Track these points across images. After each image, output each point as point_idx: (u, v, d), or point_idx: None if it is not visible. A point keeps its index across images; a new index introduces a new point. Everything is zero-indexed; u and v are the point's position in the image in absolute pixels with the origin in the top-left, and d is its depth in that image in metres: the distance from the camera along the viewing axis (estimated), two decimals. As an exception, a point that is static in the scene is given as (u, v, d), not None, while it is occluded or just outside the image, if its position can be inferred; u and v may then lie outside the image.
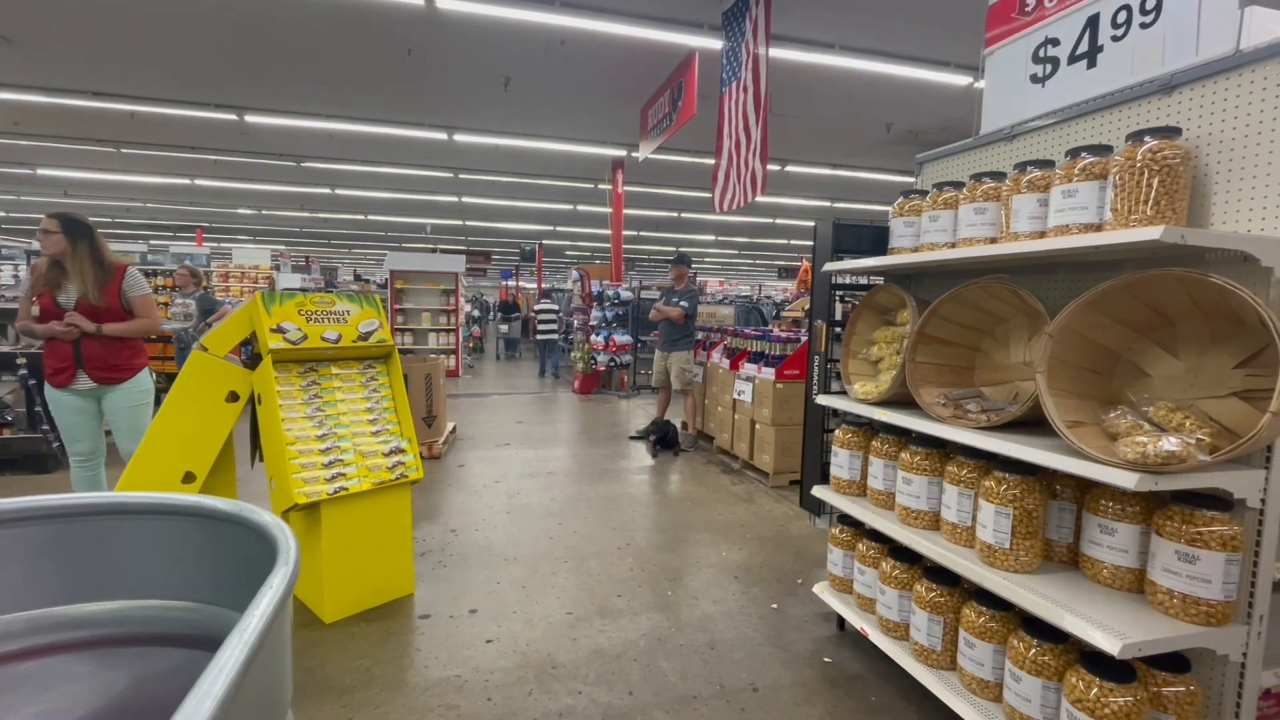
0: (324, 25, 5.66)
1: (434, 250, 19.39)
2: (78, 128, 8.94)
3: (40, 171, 11.56)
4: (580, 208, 14.51)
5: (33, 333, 2.98)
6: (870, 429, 2.54)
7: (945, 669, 2.10)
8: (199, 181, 12.48)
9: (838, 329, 2.99)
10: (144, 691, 0.80)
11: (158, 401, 3.13)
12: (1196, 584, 1.50)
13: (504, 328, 16.19)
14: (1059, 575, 1.80)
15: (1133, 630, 1.48)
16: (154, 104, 7.69)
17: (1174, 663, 1.58)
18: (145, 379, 3.25)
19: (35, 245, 10.55)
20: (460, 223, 17.88)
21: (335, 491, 2.60)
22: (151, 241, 21.16)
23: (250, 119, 8.14)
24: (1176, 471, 1.40)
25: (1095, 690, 1.54)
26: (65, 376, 3.02)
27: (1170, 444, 1.39)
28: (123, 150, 9.90)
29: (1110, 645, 1.43)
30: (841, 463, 2.58)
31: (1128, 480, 1.40)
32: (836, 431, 2.65)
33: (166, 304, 10.10)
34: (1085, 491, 1.81)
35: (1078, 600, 1.64)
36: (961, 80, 6.36)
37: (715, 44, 5.33)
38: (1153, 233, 1.39)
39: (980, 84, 2.48)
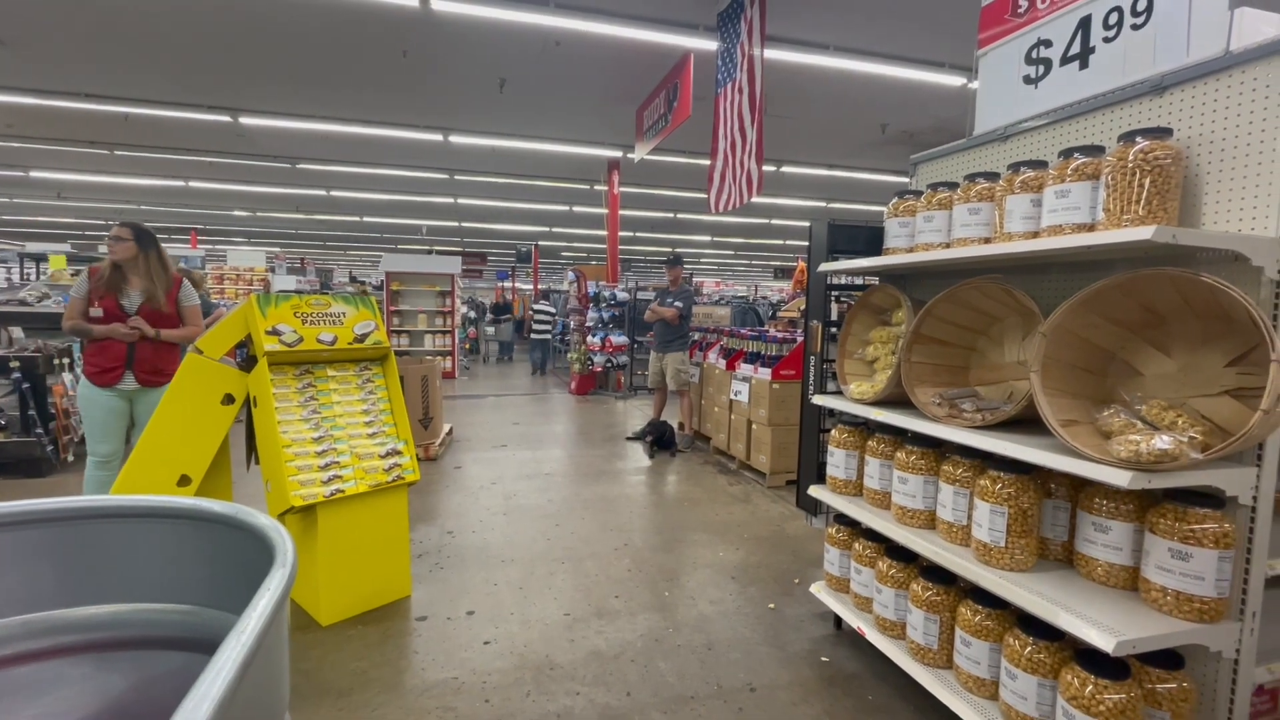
0: (318, 27, 5.65)
1: (430, 252, 19.37)
2: (71, 130, 8.90)
3: (33, 174, 11.51)
4: (576, 209, 14.51)
5: (88, 332, 3.11)
6: (866, 429, 2.55)
7: (942, 667, 2.10)
8: (193, 183, 12.43)
9: (833, 329, 3.00)
10: (142, 695, 0.80)
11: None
12: (1190, 581, 1.51)
13: (491, 330, 14.99)
14: (1054, 573, 1.81)
15: (1127, 627, 1.49)
16: (148, 106, 7.66)
17: (1168, 659, 1.59)
18: None
19: (29, 248, 10.49)
20: (456, 224, 17.86)
21: (332, 494, 2.60)
22: (145, 244, 21.04)
23: (245, 121, 8.12)
24: (1169, 469, 1.41)
25: (1090, 687, 1.54)
26: (113, 376, 3.14)
27: (1163, 442, 1.40)
28: (116, 152, 9.86)
29: (1105, 642, 1.44)
30: (838, 462, 2.59)
31: (1121, 478, 1.41)
32: (833, 431, 2.66)
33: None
34: (1079, 490, 1.82)
35: (1072, 598, 1.65)
36: (955, 81, 6.38)
37: (710, 45, 5.34)
38: (1145, 233, 1.40)
39: (974, 85, 2.49)
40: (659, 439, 5.93)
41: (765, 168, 4.95)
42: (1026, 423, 1.87)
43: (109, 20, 5.59)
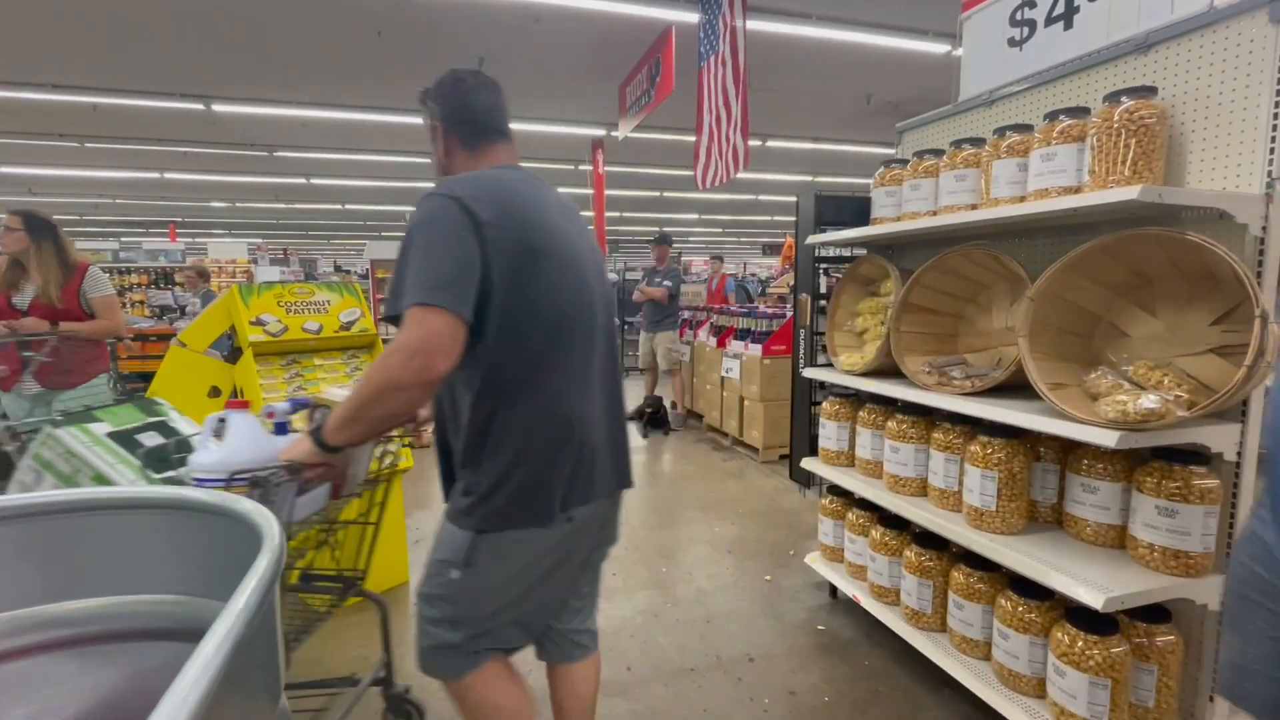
0: (290, 8, 5.49)
1: (415, 238, 19.08)
2: (38, 122, 8.65)
3: (1, 170, 11.21)
4: (561, 189, 14.29)
5: None
6: (857, 400, 2.56)
7: (936, 631, 2.14)
8: (169, 175, 12.16)
9: (822, 302, 2.99)
10: (134, 687, 0.80)
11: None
12: (1176, 537, 1.53)
13: None
14: (1044, 535, 1.84)
15: (1115, 584, 1.51)
16: (117, 95, 7.45)
17: (1155, 614, 1.62)
18: (100, 386, 3.08)
19: None
20: (440, 209, 17.59)
21: (324, 483, 2.58)
22: (123, 239, 20.67)
23: (218, 108, 7.92)
24: (1156, 428, 1.43)
25: (1080, 643, 1.58)
26: (12, 380, 2.94)
27: (1149, 402, 1.42)
28: (87, 145, 9.61)
29: (1093, 599, 1.47)
30: (830, 434, 2.60)
31: (1109, 439, 1.42)
32: (824, 404, 2.67)
33: (143, 301, 9.92)
34: (1068, 452, 1.84)
35: (1062, 558, 1.67)
36: (940, 49, 6.32)
37: (692, 17, 5.24)
38: (1130, 192, 1.40)
39: (958, 53, 2.46)
40: (652, 418, 5.94)
41: (751, 142, 4.90)
42: (1015, 388, 1.88)
43: (71, 7, 5.41)
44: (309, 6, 5.46)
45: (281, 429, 1.34)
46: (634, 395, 6.99)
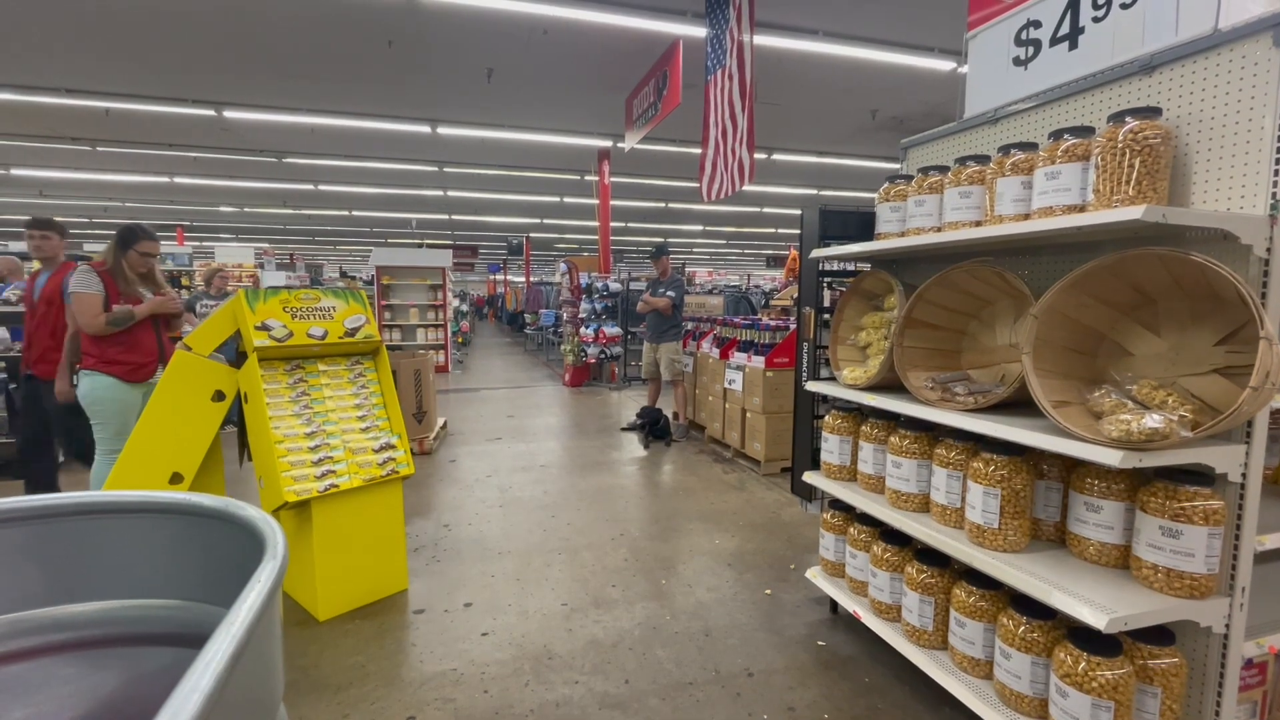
0: (302, 17, 5.57)
1: (420, 245, 19.23)
2: (51, 126, 8.76)
3: (14, 171, 11.33)
4: (567, 200, 14.44)
5: (131, 316, 3.13)
6: (859, 414, 2.56)
7: (937, 648, 2.12)
8: (178, 179, 12.28)
9: (826, 316, 3.00)
10: (133, 692, 0.80)
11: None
12: (1180, 558, 1.52)
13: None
14: (1046, 553, 1.83)
15: (1119, 605, 1.50)
16: (129, 100, 7.54)
17: (1159, 636, 1.61)
18: None
19: (11, 248, 10.35)
20: (446, 217, 17.74)
21: (326, 489, 2.59)
22: (131, 241, 20.76)
23: (229, 114, 8.02)
24: (1160, 448, 1.42)
25: (1083, 664, 1.56)
26: (148, 371, 3.24)
27: (1153, 421, 1.41)
28: (99, 149, 9.72)
29: (1097, 620, 1.46)
30: (832, 448, 2.59)
31: (1112, 458, 1.42)
32: (826, 417, 2.66)
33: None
34: (1071, 470, 1.83)
35: (1065, 577, 1.66)
36: (945, 65, 6.37)
37: (699, 32, 5.30)
38: (1134, 212, 1.40)
39: (964, 69, 2.48)
40: (654, 429, 5.93)
41: (756, 155, 4.93)
42: (1019, 405, 1.88)
43: (87, 13, 5.49)
44: (322, 15, 5.53)
45: None
46: (638, 405, 6.98)
